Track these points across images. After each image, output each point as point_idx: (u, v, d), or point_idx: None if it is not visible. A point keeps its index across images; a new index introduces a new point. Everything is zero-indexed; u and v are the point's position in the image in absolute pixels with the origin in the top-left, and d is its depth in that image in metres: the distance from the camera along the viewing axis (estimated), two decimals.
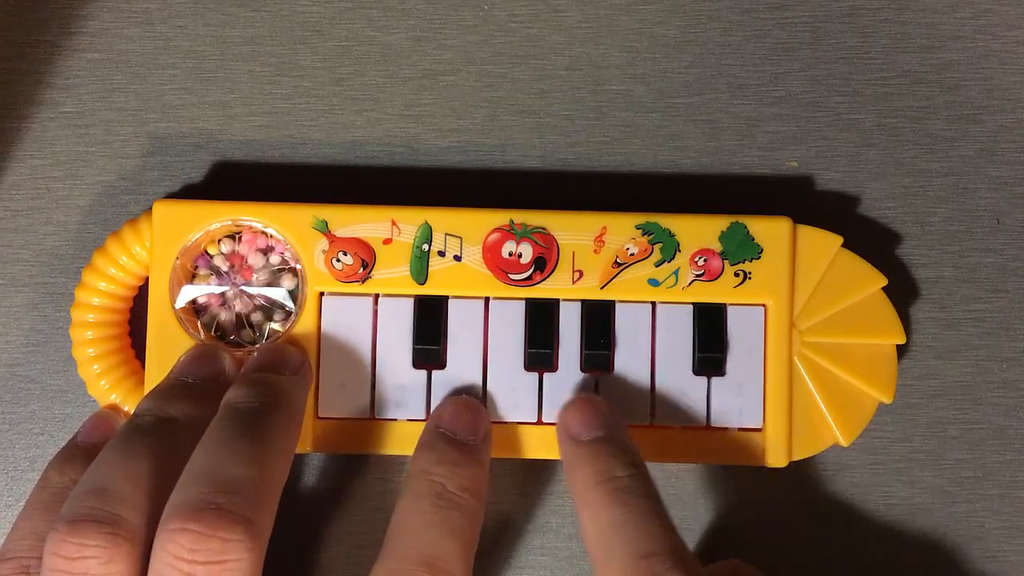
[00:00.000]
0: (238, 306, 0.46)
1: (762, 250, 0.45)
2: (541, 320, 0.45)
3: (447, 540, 0.39)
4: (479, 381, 0.45)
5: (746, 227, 0.45)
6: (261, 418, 0.40)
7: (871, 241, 0.47)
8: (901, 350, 0.46)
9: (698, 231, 0.45)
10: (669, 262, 0.45)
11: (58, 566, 0.36)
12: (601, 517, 0.39)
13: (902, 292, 0.47)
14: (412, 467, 0.41)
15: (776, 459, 0.45)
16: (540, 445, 0.45)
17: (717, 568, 0.45)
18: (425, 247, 0.44)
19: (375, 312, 0.45)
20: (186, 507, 0.36)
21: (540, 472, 0.47)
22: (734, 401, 0.45)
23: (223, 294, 0.46)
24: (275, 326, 0.45)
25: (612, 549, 0.38)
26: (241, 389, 0.41)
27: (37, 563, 0.40)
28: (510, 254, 0.44)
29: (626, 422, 0.43)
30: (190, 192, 0.48)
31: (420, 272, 0.44)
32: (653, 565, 0.36)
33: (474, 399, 0.44)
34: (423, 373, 0.45)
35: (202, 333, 0.45)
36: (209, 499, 0.36)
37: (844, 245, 0.45)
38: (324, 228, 0.44)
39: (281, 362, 0.43)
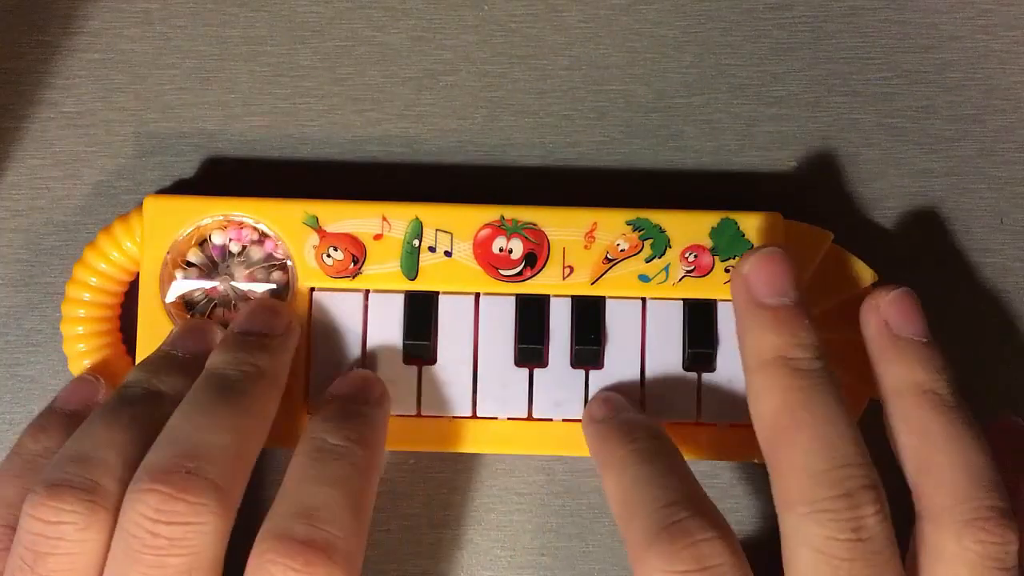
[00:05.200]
0: (229, 301, 0.46)
1: (752, 246, 0.44)
2: (531, 316, 0.44)
3: (326, 489, 0.38)
4: (469, 377, 0.45)
5: (736, 223, 0.44)
6: (241, 385, 0.40)
7: (871, 241, 0.47)
8: None
9: (688, 227, 0.44)
10: (659, 258, 0.44)
11: (34, 528, 0.37)
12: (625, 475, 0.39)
13: None
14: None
15: None
16: (531, 441, 0.45)
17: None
18: (416, 242, 0.44)
19: (365, 308, 0.45)
20: (156, 468, 0.36)
21: (538, 472, 0.47)
22: (724, 397, 0.44)
23: (214, 289, 0.46)
24: None
25: (635, 505, 0.38)
26: (224, 355, 0.41)
27: (3, 530, 0.40)
28: (500, 250, 0.44)
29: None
30: (188, 191, 0.48)
31: (411, 268, 0.44)
32: (675, 513, 0.37)
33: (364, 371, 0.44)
34: (413, 369, 0.45)
35: None
36: (180, 462, 0.36)
37: (844, 245, 0.45)
38: (314, 223, 0.44)
39: (267, 324, 0.43)
